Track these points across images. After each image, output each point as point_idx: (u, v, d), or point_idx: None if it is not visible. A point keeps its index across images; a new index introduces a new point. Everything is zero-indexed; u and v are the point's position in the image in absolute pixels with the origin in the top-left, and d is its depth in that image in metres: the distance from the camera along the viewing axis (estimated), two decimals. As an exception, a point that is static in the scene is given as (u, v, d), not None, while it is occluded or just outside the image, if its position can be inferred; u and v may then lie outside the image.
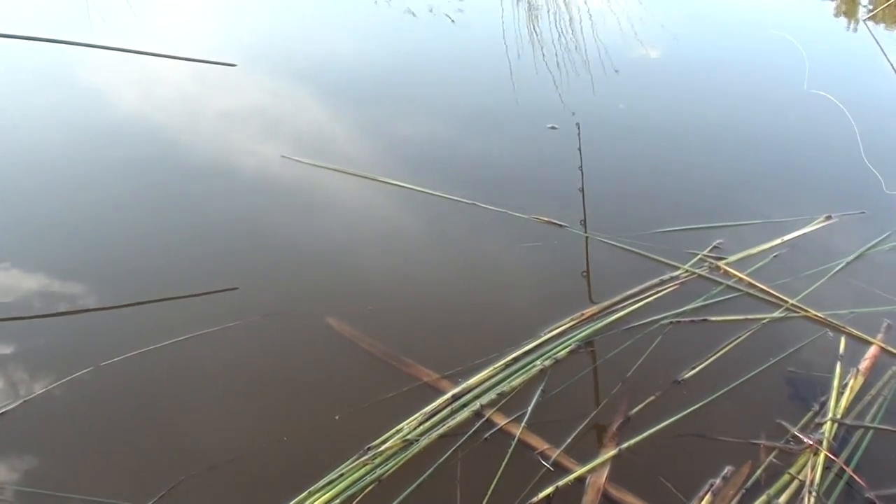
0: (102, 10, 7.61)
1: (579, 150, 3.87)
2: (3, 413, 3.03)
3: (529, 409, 3.01)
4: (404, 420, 2.95)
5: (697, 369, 3.20)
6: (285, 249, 4.06)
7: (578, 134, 3.89)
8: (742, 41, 7.27)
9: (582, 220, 4.10)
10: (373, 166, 4.73)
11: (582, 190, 3.94)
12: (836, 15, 8.17)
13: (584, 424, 2.96)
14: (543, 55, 6.56)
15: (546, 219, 4.16)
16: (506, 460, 2.80)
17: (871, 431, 2.94)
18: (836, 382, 3.13)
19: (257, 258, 3.98)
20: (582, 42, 6.88)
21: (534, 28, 7.33)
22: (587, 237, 4.01)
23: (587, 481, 2.73)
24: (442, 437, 2.90)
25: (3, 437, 2.95)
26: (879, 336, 3.39)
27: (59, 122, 5.56)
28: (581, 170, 3.88)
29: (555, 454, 2.82)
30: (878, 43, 4.87)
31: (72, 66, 6.40)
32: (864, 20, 7.58)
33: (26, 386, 3.17)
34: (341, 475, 2.72)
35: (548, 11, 7.78)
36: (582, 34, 7.10)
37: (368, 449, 2.82)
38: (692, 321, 3.50)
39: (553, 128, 5.14)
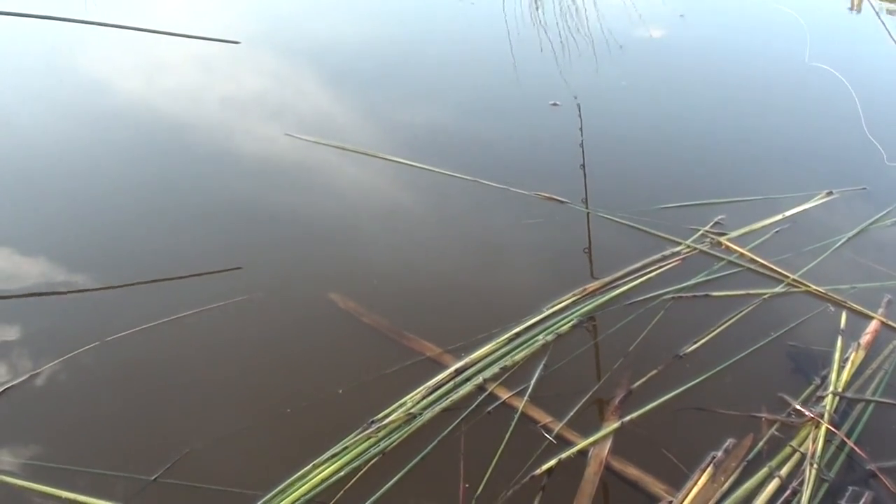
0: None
1: (580, 129, 3.87)
2: (9, 388, 3.05)
3: (532, 383, 3.03)
4: (408, 394, 2.97)
5: (699, 344, 3.22)
6: (289, 226, 4.07)
7: (579, 113, 3.89)
8: (745, 17, 7.23)
9: (584, 196, 4.10)
10: (376, 144, 4.73)
11: (583, 167, 3.95)
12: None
13: (586, 398, 2.97)
14: (547, 34, 6.54)
15: (548, 195, 4.16)
16: (509, 433, 2.81)
17: (871, 405, 2.95)
18: (837, 356, 3.14)
19: (261, 235, 3.99)
20: (585, 21, 6.86)
21: (537, 7, 7.30)
22: (588, 213, 4.02)
23: (590, 454, 2.75)
24: (445, 410, 2.91)
25: (10, 412, 2.97)
26: (880, 311, 3.40)
27: (62, 102, 5.57)
28: (582, 147, 3.89)
29: (557, 427, 2.84)
30: (879, 17, 4.85)
31: (72, 45, 6.40)
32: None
33: (32, 362, 3.18)
34: (345, 448, 2.74)
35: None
36: (585, 13, 7.08)
37: (372, 422, 2.83)
38: (694, 296, 3.51)
39: (555, 104, 5.14)
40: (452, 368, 3.08)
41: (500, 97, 5.51)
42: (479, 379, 3.04)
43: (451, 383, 3.02)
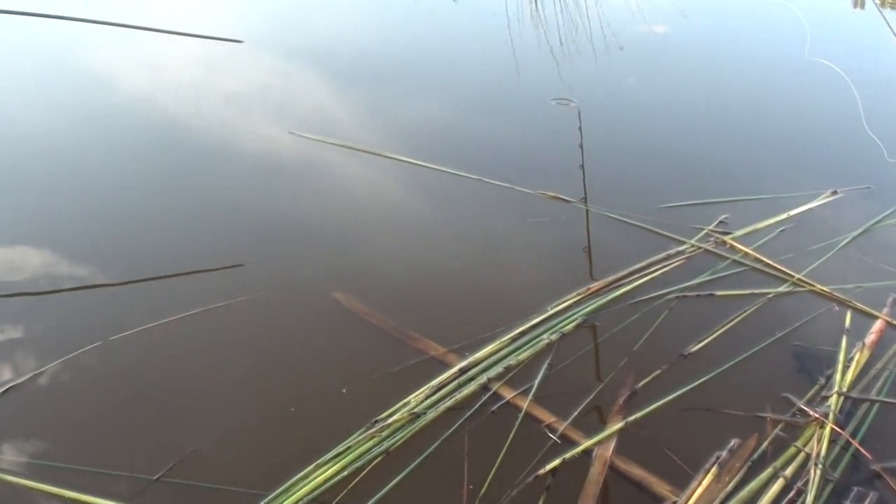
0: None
1: (580, 128, 3.86)
2: (13, 387, 3.05)
3: (536, 382, 3.02)
4: (411, 393, 2.96)
5: (704, 343, 3.21)
6: (293, 225, 4.06)
7: (579, 113, 3.88)
8: (745, 13, 7.23)
9: (591, 195, 4.09)
10: (380, 142, 4.73)
11: (582, 167, 3.94)
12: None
13: (590, 398, 2.97)
14: (548, 32, 6.54)
15: (552, 194, 4.16)
16: (513, 433, 2.81)
17: (876, 404, 2.94)
18: (841, 356, 3.13)
19: (265, 233, 3.98)
20: (586, 18, 6.86)
21: (538, 5, 7.30)
22: (587, 212, 4.00)
23: (594, 454, 2.75)
24: (449, 410, 2.90)
25: (14, 412, 2.97)
26: (885, 310, 3.39)
27: (66, 100, 5.57)
28: (581, 146, 3.87)
29: (562, 427, 2.83)
30: (881, 13, 4.84)
31: (76, 44, 6.40)
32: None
33: (35, 361, 3.18)
34: (349, 448, 2.74)
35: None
36: (586, 11, 7.07)
37: (376, 422, 2.83)
38: (698, 295, 3.50)
39: (564, 101, 5.11)
40: (456, 368, 3.08)
41: (504, 96, 5.50)
42: (483, 378, 3.03)
43: (455, 383, 3.01)
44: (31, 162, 4.73)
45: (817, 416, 2.85)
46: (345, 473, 2.66)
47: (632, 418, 2.86)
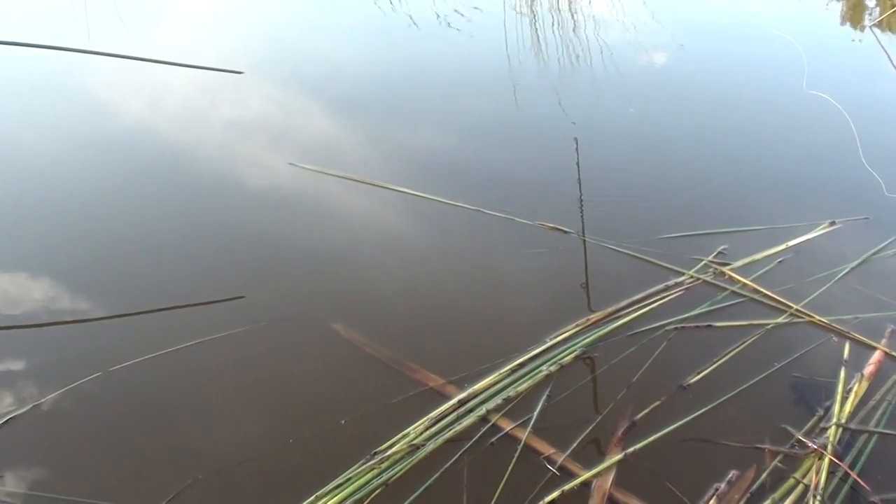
0: (107, 18, 7.66)
1: (577, 161, 3.88)
2: (12, 418, 3.05)
3: (535, 413, 3.03)
4: (411, 425, 2.96)
5: (702, 374, 3.21)
6: (292, 256, 4.08)
7: (576, 148, 3.90)
8: (743, 43, 7.27)
9: (590, 226, 4.11)
10: (380, 173, 4.74)
11: (580, 198, 3.95)
12: (843, 23, 8.18)
13: (589, 429, 2.97)
14: (546, 62, 6.58)
15: (552, 225, 4.17)
16: (512, 465, 2.81)
17: (875, 436, 2.94)
18: (840, 387, 3.13)
19: (264, 264, 4.00)
20: (587, 49, 6.90)
21: (538, 36, 7.34)
22: (584, 244, 4.02)
23: (593, 486, 2.75)
24: (448, 441, 2.91)
25: (13, 442, 2.97)
26: (883, 341, 3.39)
27: (66, 131, 5.60)
28: (578, 178, 3.88)
29: (560, 459, 2.83)
30: (881, 45, 4.88)
31: (78, 74, 6.44)
32: (871, 26, 7.59)
33: (35, 391, 3.19)
34: (348, 479, 2.74)
35: (552, 20, 7.80)
36: (587, 41, 7.11)
37: (375, 454, 2.83)
38: (697, 327, 3.50)
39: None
40: (455, 399, 3.08)
41: (504, 127, 5.52)
42: (483, 410, 3.03)
43: (455, 414, 3.01)
44: (31, 191, 4.76)
45: (816, 447, 2.85)
46: (344, 505, 2.67)
47: (631, 450, 2.87)
